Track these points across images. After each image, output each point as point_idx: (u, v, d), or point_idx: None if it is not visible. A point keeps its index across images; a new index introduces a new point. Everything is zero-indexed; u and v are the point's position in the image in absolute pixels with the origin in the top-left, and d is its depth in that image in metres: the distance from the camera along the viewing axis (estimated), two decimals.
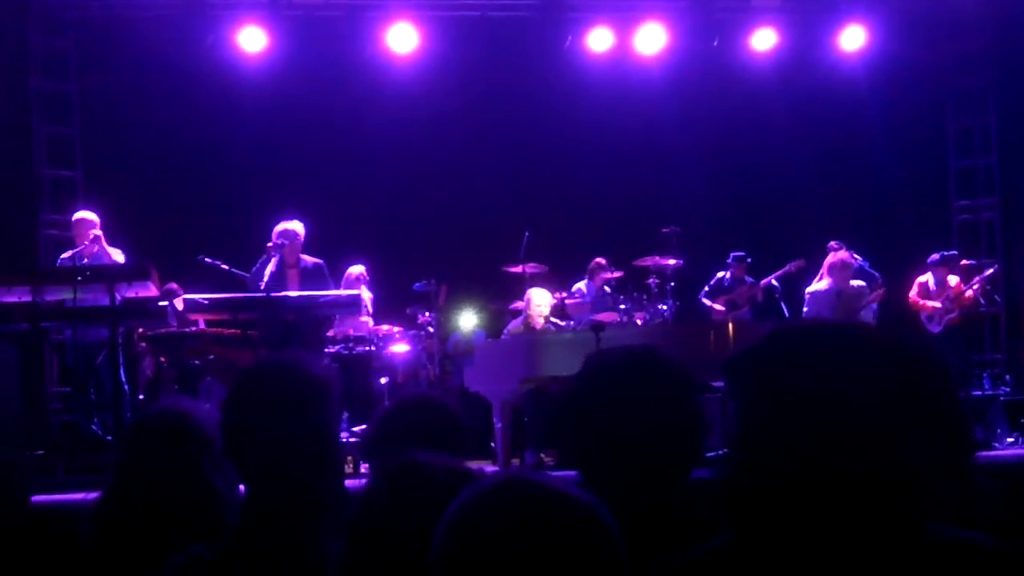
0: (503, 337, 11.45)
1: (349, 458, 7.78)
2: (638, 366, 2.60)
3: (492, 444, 10.34)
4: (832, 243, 12.61)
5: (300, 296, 9.98)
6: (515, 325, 11.47)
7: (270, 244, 10.39)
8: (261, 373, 2.75)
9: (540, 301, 11.15)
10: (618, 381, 2.57)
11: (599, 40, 13.97)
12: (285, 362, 2.76)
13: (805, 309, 12.11)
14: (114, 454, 3.09)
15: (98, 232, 10.25)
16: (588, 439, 2.56)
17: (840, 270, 11.94)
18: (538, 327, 10.98)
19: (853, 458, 1.77)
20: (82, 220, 10.48)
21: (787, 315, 12.01)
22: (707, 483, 2.27)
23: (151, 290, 9.04)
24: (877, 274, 12.83)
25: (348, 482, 2.92)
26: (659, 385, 2.54)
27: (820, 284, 12.10)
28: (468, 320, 12.53)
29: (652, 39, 13.98)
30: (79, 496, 3.06)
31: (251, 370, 2.81)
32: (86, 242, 10.11)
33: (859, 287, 12.09)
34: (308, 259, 10.61)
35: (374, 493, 2.08)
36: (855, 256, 12.89)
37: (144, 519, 2.87)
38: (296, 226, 10.54)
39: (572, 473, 2.55)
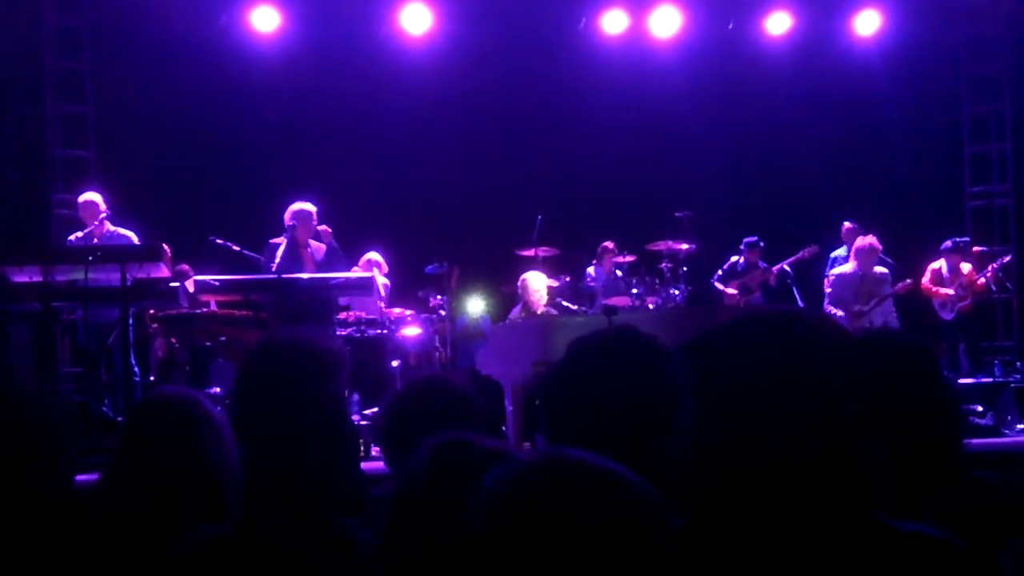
0: (510, 321, 11.43)
1: (361, 441, 7.79)
2: (610, 347, 2.60)
3: (503, 428, 10.33)
4: (846, 223, 12.69)
5: (312, 278, 9.97)
6: (516, 311, 11.46)
7: (290, 224, 10.38)
8: (270, 348, 2.73)
9: (537, 286, 11.11)
10: (591, 363, 2.57)
11: (614, 22, 13.94)
12: (294, 337, 2.74)
13: (829, 290, 12.10)
14: (120, 432, 3.07)
15: (104, 214, 10.23)
16: (566, 423, 2.56)
17: (866, 254, 11.93)
18: (539, 311, 10.95)
19: (799, 445, 1.79)
20: (88, 203, 10.44)
21: (800, 300, 12.00)
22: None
23: (162, 271, 9.04)
24: (891, 261, 12.80)
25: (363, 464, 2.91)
26: (630, 363, 2.54)
27: (845, 267, 12.09)
28: (475, 305, 12.52)
29: (667, 22, 13.94)
30: (88, 477, 3.05)
31: (260, 346, 2.80)
32: (95, 223, 10.10)
33: (882, 273, 12.06)
34: (320, 241, 10.58)
35: (420, 469, 2.07)
36: None
37: (142, 500, 2.86)
38: (308, 207, 10.51)
39: None
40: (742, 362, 1.83)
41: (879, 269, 12.06)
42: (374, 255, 11.86)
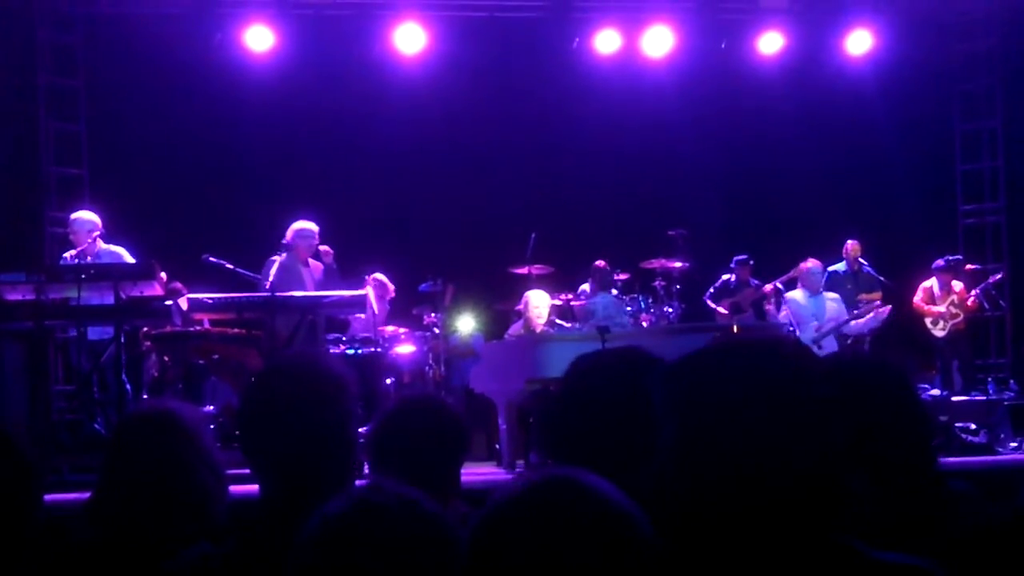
0: (505, 339, 11.43)
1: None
2: (612, 367, 2.59)
3: (497, 445, 10.32)
4: (850, 241, 12.82)
5: (306, 296, 9.97)
6: (516, 328, 11.46)
7: (286, 242, 10.38)
8: (280, 370, 2.74)
9: (538, 303, 11.11)
10: (592, 383, 2.56)
11: (606, 42, 13.93)
12: (304, 359, 2.75)
13: (784, 312, 12.10)
14: (103, 453, 3.09)
15: (98, 232, 10.19)
16: (564, 442, 2.55)
17: (806, 276, 11.99)
18: (538, 329, 10.95)
19: (776, 473, 1.78)
20: (81, 220, 10.37)
21: (793, 319, 12.01)
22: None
23: (155, 289, 9.04)
24: (883, 279, 12.83)
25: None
26: (632, 384, 2.51)
27: (796, 293, 12.10)
28: (466, 323, 12.53)
29: (659, 41, 13.94)
30: (81, 495, 3.05)
31: (271, 367, 2.81)
32: (89, 241, 10.06)
33: (834, 298, 12.17)
34: (319, 260, 10.59)
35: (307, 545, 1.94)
36: (861, 260, 12.91)
37: (130, 517, 2.86)
38: (310, 225, 10.54)
39: None
40: (719, 389, 1.83)
41: (830, 295, 12.16)
42: (379, 276, 11.86)
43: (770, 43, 14.12)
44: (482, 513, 1.68)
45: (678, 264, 11.49)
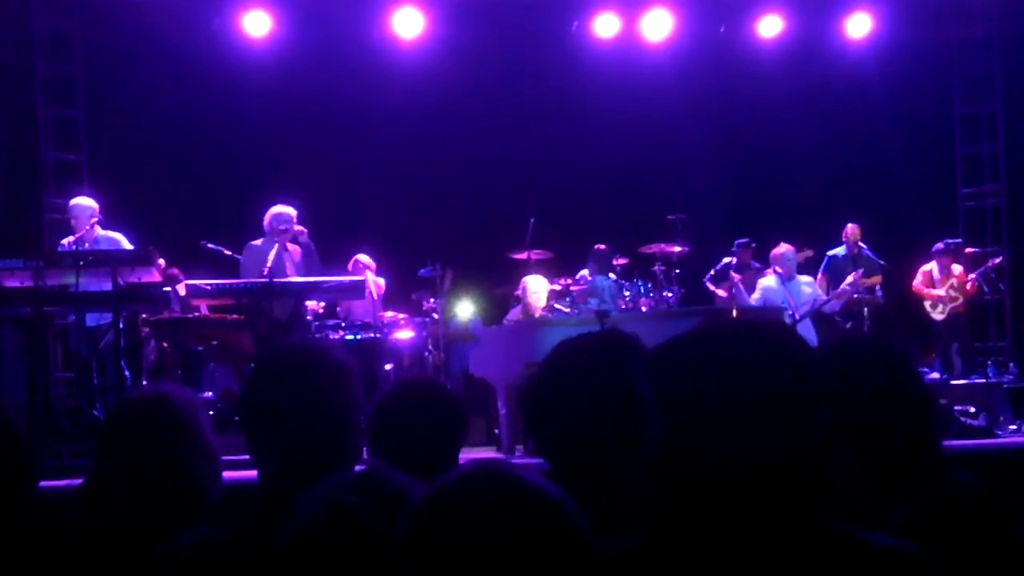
0: (504, 324, 11.43)
1: None
2: (591, 351, 2.58)
3: (496, 430, 10.32)
4: (850, 225, 12.78)
5: (304, 281, 9.94)
6: (515, 313, 11.46)
7: (282, 228, 10.31)
8: (283, 356, 2.73)
9: (536, 288, 11.10)
10: (571, 368, 2.55)
11: (606, 25, 13.92)
12: (308, 346, 2.74)
13: (756, 296, 12.02)
14: (97, 439, 3.08)
15: (96, 218, 10.16)
16: (548, 426, 2.54)
17: (778, 261, 11.91)
18: (537, 313, 10.95)
19: (759, 457, 1.78)
20: (79, 207, 10.35)
21: (792, 303, 11.99)
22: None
23: (154, 275, 9.02)
24: (883, 262, 12.81)
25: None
26: (610, 368, 2.51)
27: (770, 279, 11.99)
28: (465, 308, 12.53)
29: (658, 25, 13.93)
30: (79, 481, 3.05)
31: (274, 353, 2.80)
32: (87, 227, 10.04)
33: (808, 281, 12.12)
34: (298, 243, 10.56)
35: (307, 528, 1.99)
36: (861, 243, 12.89)
37: (123, 503, 2.85)
38: (288, 210, 10.48)
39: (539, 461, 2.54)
40: (704, 373, 1.83)
41: (804, 278, 12.08)
42: (364, 257, 11.85)
43: (769, 26, 14.12)
44: (412, 506, 1.68)
45: (677, 248, 11.46)
